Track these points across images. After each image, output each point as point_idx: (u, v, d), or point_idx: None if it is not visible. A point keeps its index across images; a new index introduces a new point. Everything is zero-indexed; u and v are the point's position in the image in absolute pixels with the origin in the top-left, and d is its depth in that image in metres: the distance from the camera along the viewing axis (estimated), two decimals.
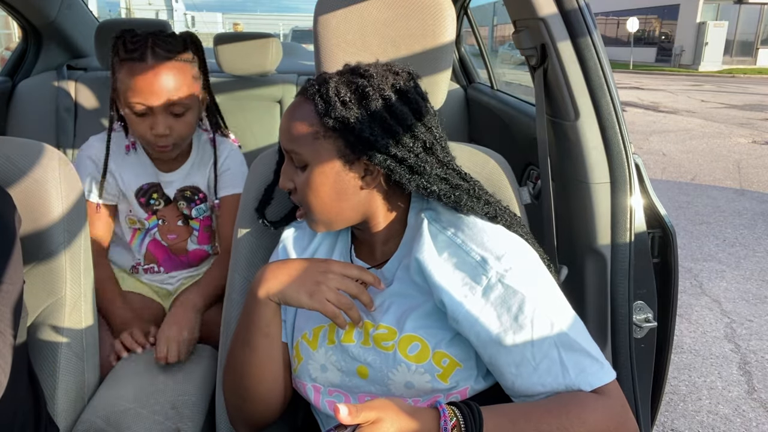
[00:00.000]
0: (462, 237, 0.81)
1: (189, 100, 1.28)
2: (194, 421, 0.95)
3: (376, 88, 0.80)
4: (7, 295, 0.77)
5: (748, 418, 2.08)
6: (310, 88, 0.83)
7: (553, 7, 1.06)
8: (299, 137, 0.82)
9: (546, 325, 0.75)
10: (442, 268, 0.79)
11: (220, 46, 2.13)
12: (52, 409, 0.96)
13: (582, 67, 1.08)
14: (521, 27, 1.20)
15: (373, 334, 0.82)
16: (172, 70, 1.24)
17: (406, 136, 0.81)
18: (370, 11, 1.01)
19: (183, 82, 1.26)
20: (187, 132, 1.31)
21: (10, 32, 11.19)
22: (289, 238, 0.96)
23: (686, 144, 7.30)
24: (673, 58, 22.57)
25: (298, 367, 0.87)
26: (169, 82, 1.23)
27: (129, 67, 1.22)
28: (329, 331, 0.86)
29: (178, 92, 1.24)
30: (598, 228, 1.13)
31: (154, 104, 1.22)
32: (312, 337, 0.87)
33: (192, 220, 1.44)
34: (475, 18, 2.43)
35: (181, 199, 1.42)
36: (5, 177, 0.93)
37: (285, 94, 2.23)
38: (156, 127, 1.24)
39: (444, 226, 0.83)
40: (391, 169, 0.81)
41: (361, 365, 0.82)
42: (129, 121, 1.28)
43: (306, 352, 0.86)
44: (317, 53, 1.04)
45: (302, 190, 0.84)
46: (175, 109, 1.25)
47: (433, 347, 0.79)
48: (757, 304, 2.99)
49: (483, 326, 0.76)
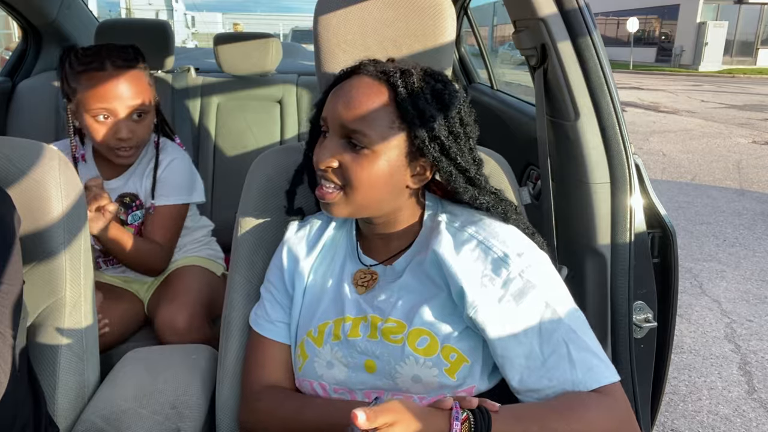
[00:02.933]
0: (483, 234, 0.82)
1: (148, 104, 1.37)
2: (194, 421, 0.95)
3: (452, 95, 0.82)
4: (7, 296, 0.77)
5: (748, 418, 2.08)
6: (391, 74, 0.80)
7: (553, 7, 1.06)
8: (371, 118, 0.78)
9: (558, 322, 0.77)
10: (461, 260, 0.80)
11: (220, 46, 2.13)
12: (52, 409, 0.96)
13: (582, 67, 1.08)
14: (521, 27, 1.20)
15: (381, 327, 0.82)
16: (130, 76, 1.33)
17: (469, 148, 0.84)
18: (370, 11, 1.01)
19: (141, 88, 1.35)
20: (147, 135, 1.40)
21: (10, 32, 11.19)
22: (292, 239, 0.95)
23: (686, 144, 7.30)
24: (673, 58, 22.57)
25: (303, 365, 0.87)
26: (130, 88, 1.32)
27: (89, 76, 1.30)
28: (334, 327, 0.86)
29: (138, 97, 1.34)
30: (598, 228, 1.13)
31: (117, 108, 1.31)
32: (317, 333, 0.87)
33: (127, 225, 1.45)
34: (475, 18, 2.43)
35: (120, 204, 1.43)
36: (5, 177, 0.93)
37: (285, 94, 2.23)
38: (119, 131, 1.32)
39: (463, 226, 0.84)
40: (453, 177, 0.82)
41: (368, 359, 0.82)
42: (91, 129, 1.32)
43: (311, 349, 0.86)
44: (317, 53, 1.04)
45: (352, 170, 0.80)
46: (137, 112, 1.34)
47: (442, 341, 0.79)
48: (757, 304, 2.99)
49: (500, 314, 0.77)
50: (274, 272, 0.95)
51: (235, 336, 0.99)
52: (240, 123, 2.19)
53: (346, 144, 0.81)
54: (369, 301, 0.85)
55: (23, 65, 2.23)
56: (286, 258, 0.93)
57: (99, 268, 1.49)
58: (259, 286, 0.99)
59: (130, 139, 1.34)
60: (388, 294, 0.85)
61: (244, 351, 0.98)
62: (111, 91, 1.29)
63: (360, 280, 0.89)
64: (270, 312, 0.93)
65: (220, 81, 2.22)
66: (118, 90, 1.30)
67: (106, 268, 1.50)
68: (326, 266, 0.92)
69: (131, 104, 1.32)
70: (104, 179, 1.42)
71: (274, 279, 0.95)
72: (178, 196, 1.46)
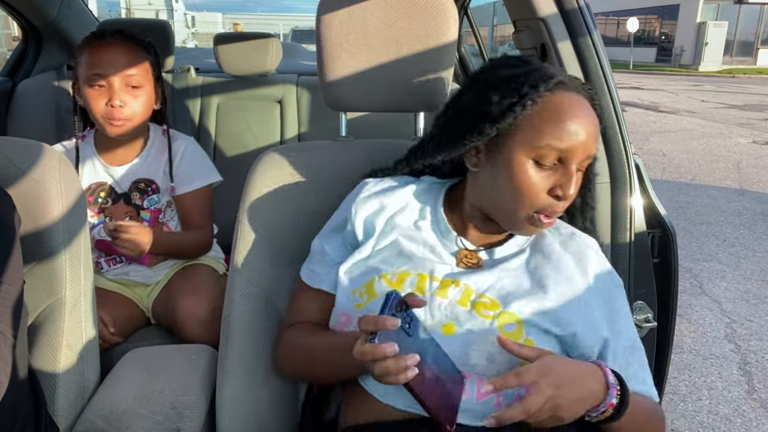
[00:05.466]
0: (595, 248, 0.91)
1: (143, 78, 1.40)
2: (194, 421, 0.95)
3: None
4: (8, 295, 0.77)
5: (748, 418, 2.08)
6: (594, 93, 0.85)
7: (553, 7, 1.07)
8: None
9: (636, 336, 0.88)
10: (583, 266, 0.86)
11: (220, 46, 2.13)
12: (52, 409, 0.96)
13: (582, 67, 1.08)
14: (521, 27, 1.20)
15: (474, 300, 0.81)
16: (127, 47, 1.38)
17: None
18: (372, 11, 1.01)
19: (137, 60, 1.39)
20: (140, 110, 1.41)
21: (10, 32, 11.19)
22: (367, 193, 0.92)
23: (686, 144, 7.30)
24: (673, 58, 22.57)
25: (367, 303, 0.83)
26: (124, 56, 1.37)
27: (89, 48, 1.37)
28: (418, 280, 0.83)
29: (132, 66, 1.37)
30: (598, 228, 1.13)
31: (111, 75, 1.35)
32: (395, 279, 0.84)
33: (143, 210, 1.48)
34: (475, 18, 2.43)
35: (135, 190, 1.47)
36: (5, 177, 0.93)
37: (285, 94, 2.23)
38: (113, 97, 1.35)
39: (572, 235, 0.91)
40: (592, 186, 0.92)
41: (449, 322, 0.80)
42: (88, 98, 1.37)
43: (382, 289, 0.83)
44: (320, 53, 1.04)
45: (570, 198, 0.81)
46: (131, 81, 1.37)
47: (526, 334, 0.79)
48: (757, 304, 2.99)
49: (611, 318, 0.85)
50: (337, 224, 0.94)
51: (235, 336, 0.99)
52: (240, 123, 2.19)
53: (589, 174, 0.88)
54: (467, 275, 0.84)
55: (23, 65, 2.23)
56: (360, 209, 0.90)
57: (101, 269, 1.49)
58: (259, 287, 0.99)
59: (122, 108, 1.36)
60: (488, 276, 0.84)
61: (241, 351, 0.98)
62: (105, 57, 1.35)
63: (464, 258, 0.87)
64: (321, 264, 0.93)
65: (220, 81, 2.22)
66: (112, 57, 1.35)
67: (108, 269, 1.49)
68: (407, 227, 0.90)
69: (125, 73, 1.36)
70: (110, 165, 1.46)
71: (334, 231, 0.94)
72: (203, 179, 1.52)
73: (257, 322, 0.99)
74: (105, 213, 1.46)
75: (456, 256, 0.87)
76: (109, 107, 1.35)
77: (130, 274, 1.51)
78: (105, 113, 1.36)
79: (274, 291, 1.01)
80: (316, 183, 1.04)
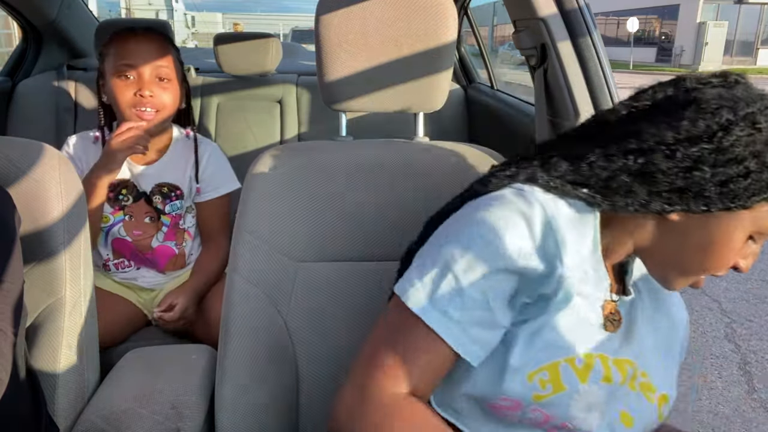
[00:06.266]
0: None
1: (172, 70, 1.40)
2: (194, 421, 0.95)
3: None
4: (8, 294, 0.77)
5: (748, 418, 2.08)
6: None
7: (553, 7, 1.07)
8: None
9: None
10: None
11: (220, 46, 2.13)
12: (52, 409, 0.96)
13: (582, 67, 1.08)
14: (521, 27, 1.20)
15: (640, 381, 0.71)
16: (156, 40, 1.39)
17: None
18: (372, 11, 1.01)
19: (167, 52, 1.39)
20: (168, 103, 1.40)
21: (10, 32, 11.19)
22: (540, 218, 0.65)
23: None
24: (673, 58, 22.57)
25: (552, 397, 0.65)
26: (155, 48, 1.37)
27: (118, 39, 1.37)
28: (602, 363, 0.68)
29: (162, 58, 1.38)
30: None
31: (141, 66, 1.34)
32: (582, 365, 0.66)
33: (164, 215, 1.46)
34: (475, 18, 2.43)
35: (157, 194, 1.45)
36: (5, 177, 0.93)
37: (285, 94, 2.23)
38: (142, 88, 1.34)
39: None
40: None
41: (624, 411, 0.69)
42: (115, 90, 1.36)
43: (571, 381, 0.65)
44: (319, 53, 1.04)
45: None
46: (161, 72, 1.37)
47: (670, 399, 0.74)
48: (757, 304, 2.99)
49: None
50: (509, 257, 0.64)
51: (234, 336, 0.99)
52: (240, 123, 2.19)
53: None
54: (620, 340, 0.70)
55: (23, 65, 2.23)
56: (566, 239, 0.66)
57: (108, 271, 1.48)
58: (259, 287, 0.99)
59: (152, 99, 1.36)
60: (632, 335, 0.71)
61: (240, 351, 0.98)
62: (136, 49, 1.35)
63: (611, 315, 0.71)
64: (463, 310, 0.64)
65: (220, 81, 2.22)
66: (143, 48, 1.36)
67: (116, 271, 1.48)
68: (577, 278, 0.67)
69: (155, 64, 1.36)
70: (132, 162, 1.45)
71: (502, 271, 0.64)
72: (228, 184, 1.52)
73: (256, 322, 0.99)
74: (125, 211, 1.44)
75: (604, 317, 0.70)
76: (138, 97, 1.34)
77: (138, 280, 1.49)
78: (133, 103, 1.35)
79: (274, 291, 1.01)
80: (315, 183, 1.04)
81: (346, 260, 1.02)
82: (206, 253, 1.52)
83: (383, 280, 1.01)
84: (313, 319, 1.01)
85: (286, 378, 1.00)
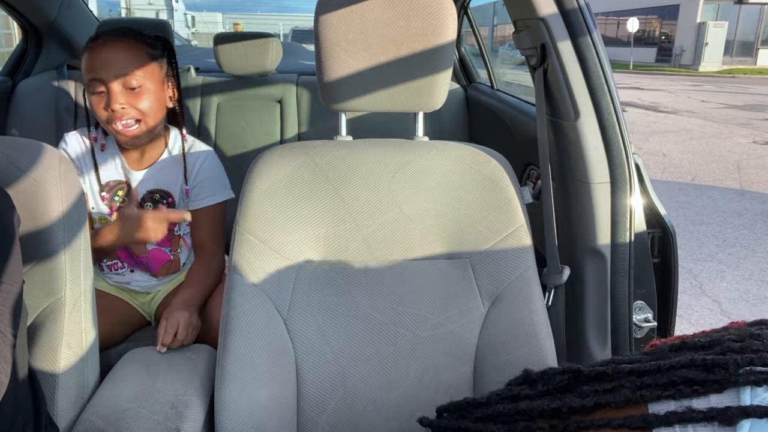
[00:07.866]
0: None
1: (143, 76, 1.30)
2: (194, 421, 0.95)
3: None
4: (7, 295, 0.77)
5: None
6: None
7: (553, 7, 1.07)
8: None
9: None
10: None
11: (220, 46, 2.14)
12: (52, 409, 0.96)
13: (582, 67, 1.08)
14: (521, 27, 1.20)
15: None
16: (122, 45, 1.28)
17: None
18: (371, 10, 1.01)
19: (135, 58, 1.29)
20: (147, 110, 1.31)
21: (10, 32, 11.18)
22: None
23: (686, 144, 7.30)
24: (674, 58, 22.57)
25: None
26: (119, 55, 1.27)
27: (86, 51, 1.29)
28: None
29: (129, 65, 1.28)
30: (598, 228, 1.13)
31: (107, 77, 1.26)
32: None
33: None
34: (475, 18, 2.43)
35: (149, 200, 1.41)
36: (5, 177, 0.93)
37: (285, 94, 2.23)
38: (112, 101, 1.26)
39: None
40: None
41: None
42: (93, 107, 1.30)
43: None
44: (318, 53, 1.04)
45: None
46: (129, 82, 1.28)
47: None
48: (757, 304, 2.99)
49: None
50: None
51: (233, 336, 0.99)
52: (240, 123, 2.19)
53: None
54: None
55: (23, 65, 2.23)
56: None
57: (102, 271, 1.47)
58: (258, 287, 0.99)
59: (125, 110, 1.28)
60: None
61: (240, 351, 0.98)
62: (100, 59, 1.26)
63: None
64: None
65: (220, 81, 2.23)
66: (106, 58, 1.26)
67: (109, 273, 1.47)
68: None
69: (120, 72, 1.26)
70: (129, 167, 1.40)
71: None
72: (223, 193, 1.45)
73: (256, 322, 0.99)
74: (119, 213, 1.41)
75: None
76: (109, 112, 1.27)
77: (131, 284, 1.48)
78: (108, 119, 1.29)
79: (274, 290, 1.01)
80: (315, 182, 1.04)
81: (345, 260, 1.02)
82: (199, 265, 1.46)
83: (383, 279, 1.01)
84: (313, 319, 1.01)
85: (286, 378, 1.00)
